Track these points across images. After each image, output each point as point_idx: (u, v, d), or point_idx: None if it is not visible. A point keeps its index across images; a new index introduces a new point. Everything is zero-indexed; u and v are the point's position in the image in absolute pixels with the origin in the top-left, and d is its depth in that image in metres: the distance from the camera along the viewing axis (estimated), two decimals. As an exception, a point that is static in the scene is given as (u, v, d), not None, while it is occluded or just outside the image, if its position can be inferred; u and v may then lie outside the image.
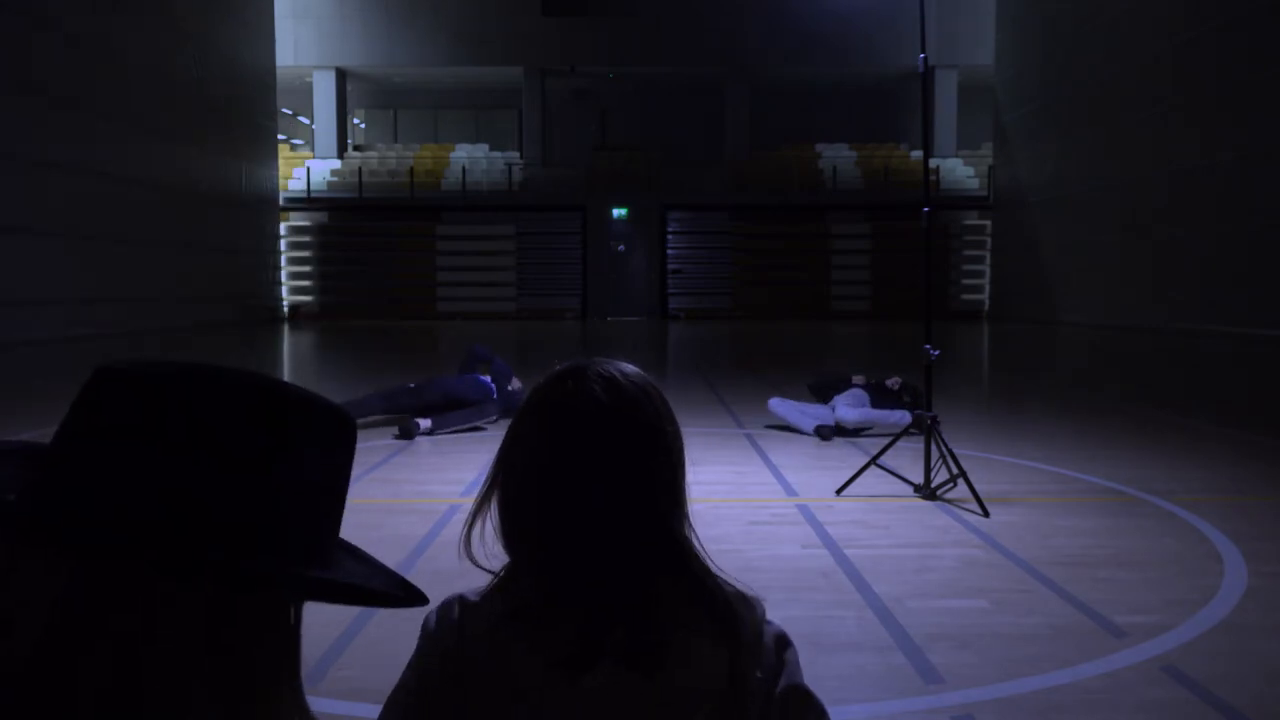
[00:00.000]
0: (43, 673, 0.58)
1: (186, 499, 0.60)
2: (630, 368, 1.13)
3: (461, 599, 1.11)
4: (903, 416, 6.87)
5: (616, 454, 1.07)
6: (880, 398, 7.17)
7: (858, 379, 7.42)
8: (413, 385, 7.38)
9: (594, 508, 1.06)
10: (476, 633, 1.07)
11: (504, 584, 1.10)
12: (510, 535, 1.10)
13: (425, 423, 6.84)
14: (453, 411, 7.06)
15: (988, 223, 27.73)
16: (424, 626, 1.12)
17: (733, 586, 1.12)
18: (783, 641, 1.13)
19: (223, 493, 0.61)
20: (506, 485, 1.10)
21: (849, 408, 7.03)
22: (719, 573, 1.12)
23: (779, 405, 7.21)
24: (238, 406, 0.62)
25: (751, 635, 1.09)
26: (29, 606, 0.59)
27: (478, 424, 7.11)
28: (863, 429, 6.98)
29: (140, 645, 0.59)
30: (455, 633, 1.08)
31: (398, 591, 0.68)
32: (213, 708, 0.61)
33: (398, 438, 6.68)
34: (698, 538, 1.13)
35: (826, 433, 6.76)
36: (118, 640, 0.59)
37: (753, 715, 1.08)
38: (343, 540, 0.72)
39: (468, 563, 1.14)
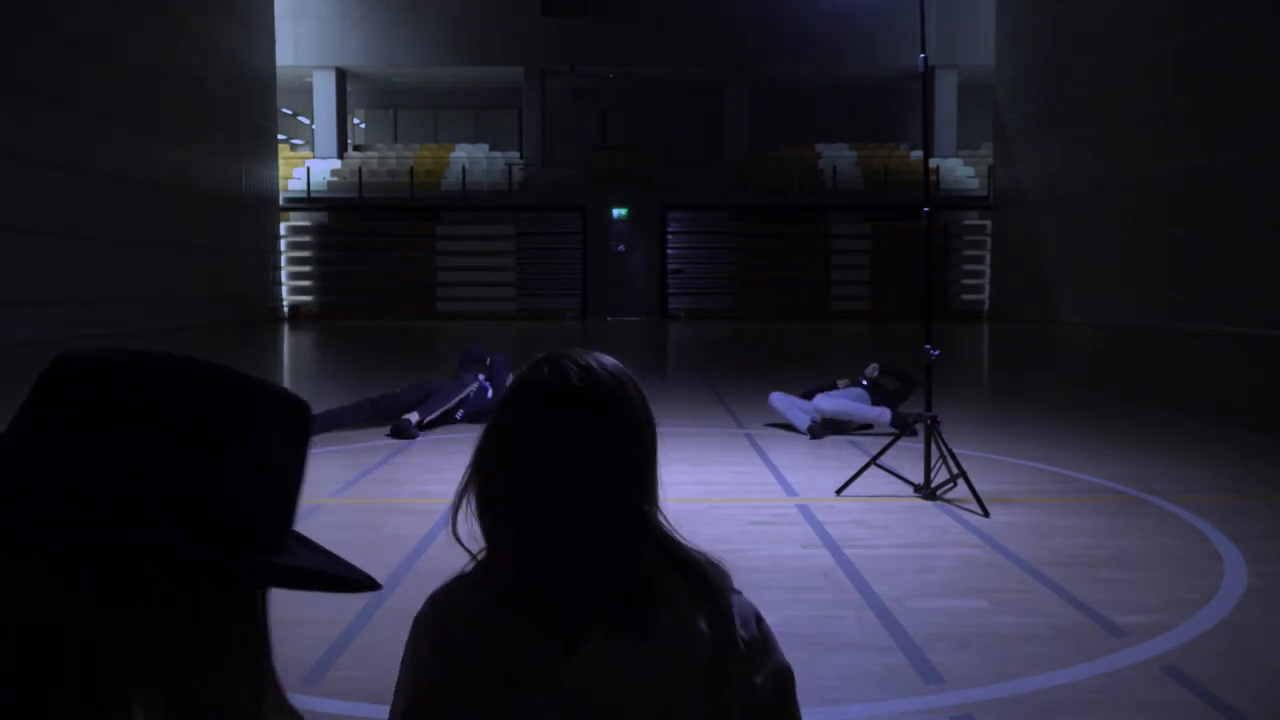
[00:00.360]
0: (22, 673, 0.58)
1: (178, 491, 0.60)
2: (607, 359, 1.14)
3: (434, 597, 1.12)
4: (880, 413, 6.90)
5: (592, 442, 1.08)
6: (877, 393, 7.19)
7: (841, 382, 7.47)
8: (399, 390, 7.39)
9: (572, 497, 1.07)
10: (458, 624, 1.07)
11: (482, 570, 1.11)
12: (488, 523, 1.11)
13: (413, 416, 6.83)
14: (433, 398, 7.08)
15: (988, 223, 27.72)
16: (410, 632, 1.12)
17: (702, 554, 1.13)
18: (758, 615, 1.14)
19: (208, 482, 0.61)
20: (485, 474, 1.11)
21: (827, 397, 7.11)
22: (687, 543, 1.13)
23: (779, 400, 7.24)
24: (212, 396, 0.62)
25: (725, 600, 1.11)
26: (6, 608, 0.58)
27: (460, 398, 7.12)
28: (844, 421, 7.02)
29: (114, 643, 0.59)
30: (439, 627, 1.09)
31: (361, 577, 0.68)
32: (193, 704, 0.60)
33: (391, 437, 6.69)
34: (666, 519, 1.14)
35: (818, 431, 6.79)
36: (90, 641, 0.58)
37: (736, 680, 1.09)
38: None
39: (467, 560, 1.14)
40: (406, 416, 6.80)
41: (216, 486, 0.61)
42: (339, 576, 0.65)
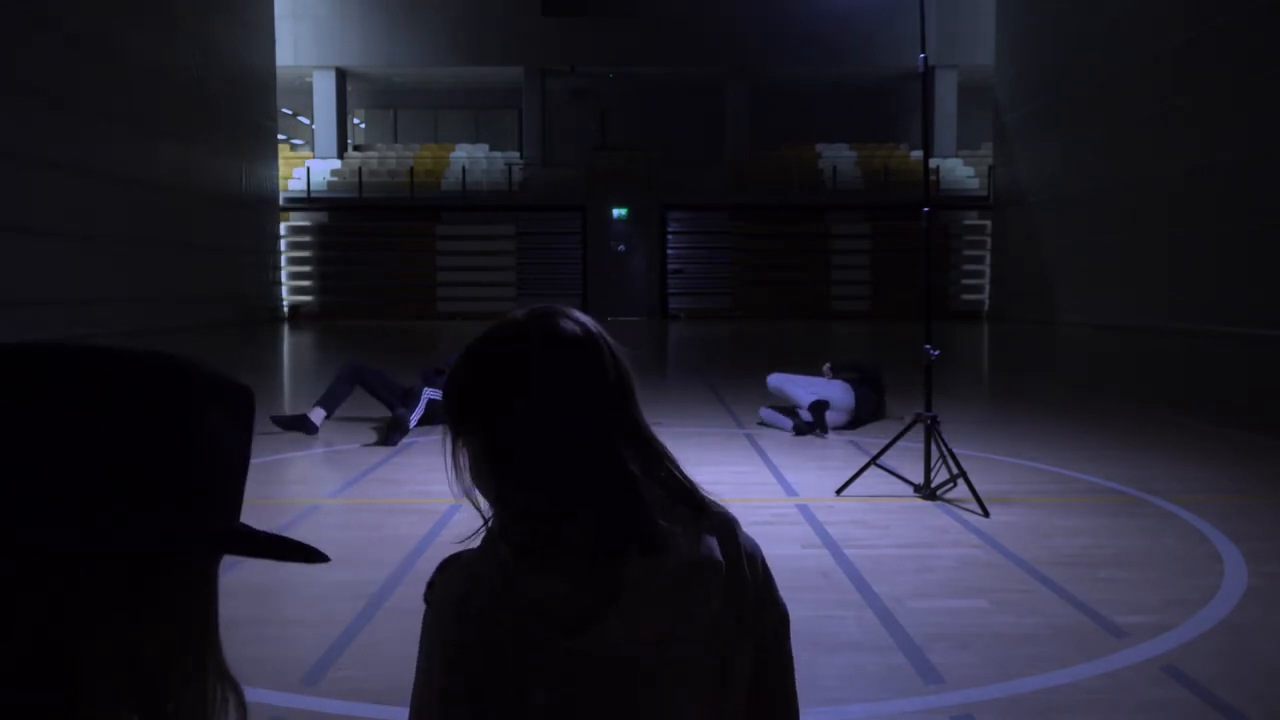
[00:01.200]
0: None
1: (133, 471, 0.61)
2: (578, 312, 1.18)
3: (450, 572, 1.11)
4: (804, 399, 7.01)
5: (594, 382, 1.11)
6: (865, 389, 7.24)
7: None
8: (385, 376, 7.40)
9: (578, 438, 1.09)
10: (480, 588, 1.07)
11: (491, 537, 1.11)
12: (498, 475, 1.10)
13: (403, 412, 6.76)
14: (410, 404, 7.00)
15: (988, 223, 27.71)
16: (427, 611, 1.11)
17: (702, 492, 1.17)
18: (762, 554, 1.17)
19: (158, 461, 0.62)
20: (489, 424, 1.11)
21: (776, 376, 7.44)
22: (688, 477, 1.16)
23: (768, 415, 7.32)
24: (153, 378, 0.64)
25: (732, 532, 1.14)
26: None
27: (425, 401, 7.04)
28: (784, 402, 7.29)
29: (69, 614, 0.60)
30: (462, 596, 1.08)
31: (310, 550, 0.69)
32: (140, 670, 0.62)
33: (382, 443, 6.49)
34: (668, 453, 1.16)
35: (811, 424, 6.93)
36: (45, 612, 0.59)
37: (746, 614, 1.12)
38: None
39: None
40: (400, 411, 6.72)
41: (166, 464, 0.63)
42: (290, 544, 0.67)
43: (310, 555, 0.67)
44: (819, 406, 6.91)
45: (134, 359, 0.65)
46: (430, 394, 7.07)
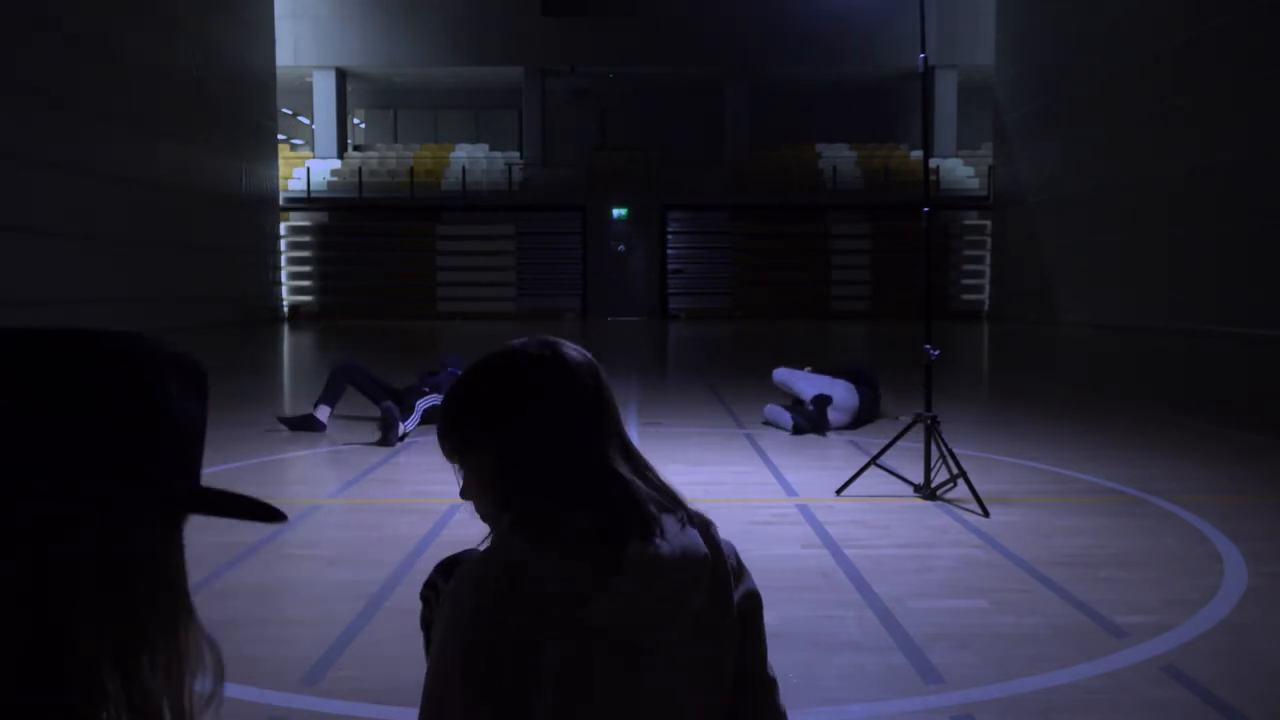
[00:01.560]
0: None
1: (125, 462, 0.65)
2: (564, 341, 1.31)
3: (463, 572, 1.18)
4: (807, 391, 7.12)
5: (596, 397, 1.25)
6: (864, 386, 7.25)
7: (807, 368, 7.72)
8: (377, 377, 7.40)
9: (585, 449, 1.21)
10: (491, 587, 1.13)
11: (502, 537, 1.19)
12: (504, 484, 1.21)
13: (390, 408, 6.72)
14: (405, 403, 6.96)
15: (988, 223, 27.72)
16: (451, 601, 1.16)
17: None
18: (736, 553, 1.28)
19: (134, 440, 0.66)
20: (499, 439, 1.21)
21: (783, 370, 7.52)
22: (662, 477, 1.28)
23: (774, 411, 7.32)
24: (127, 361, 0.68)
25: (708, 527, 1.25)
26: None
27: (427, 405, 6.99)
28: (788, 397, 7.37)
29: (61, 586, 0.63)
30: (476, 589, 1.14)
31: (270, 509, 0.73)
32: (125, 629, 0.65)
33: (381, 443, 6.44)
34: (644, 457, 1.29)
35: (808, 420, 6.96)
36: (26, 585, 0.62)
37: (729, 597, 1.23)
38: None
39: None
40: (387, 404, 6.64)
41: (136, 438, 0.67)
42: (249, 502, 0.70)
43: (270, 514, 0.70)
44: (822, 401, 6.91)
45: (101, 340, 0.68)
46: (424, 403, 7.05)
